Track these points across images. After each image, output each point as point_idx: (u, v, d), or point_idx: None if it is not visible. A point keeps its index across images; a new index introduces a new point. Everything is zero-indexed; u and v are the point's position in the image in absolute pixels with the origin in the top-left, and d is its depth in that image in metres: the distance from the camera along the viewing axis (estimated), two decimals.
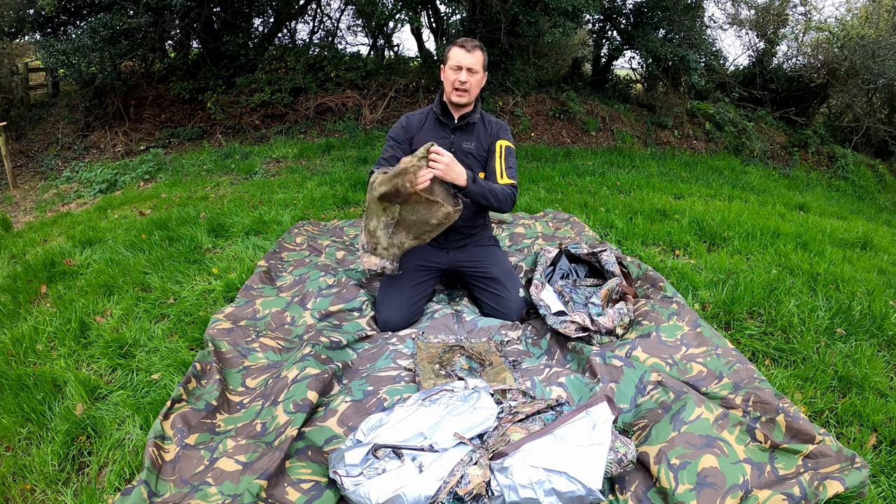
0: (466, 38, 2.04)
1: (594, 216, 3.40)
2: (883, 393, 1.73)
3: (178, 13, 6.34)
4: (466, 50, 2.01)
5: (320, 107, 6.99)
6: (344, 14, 9.59)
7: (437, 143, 2.09)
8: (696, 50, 7.33)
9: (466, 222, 2.16)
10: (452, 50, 2.03)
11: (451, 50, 2.03)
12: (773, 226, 3.32)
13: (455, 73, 2.02)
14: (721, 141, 7.75)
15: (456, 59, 2.01)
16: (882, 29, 8.16)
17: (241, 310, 2.10)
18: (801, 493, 1.22)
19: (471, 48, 2.01)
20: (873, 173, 8.35)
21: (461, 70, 2.02)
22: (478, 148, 2.15)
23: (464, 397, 1.42)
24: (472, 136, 2.14)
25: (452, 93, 2.05)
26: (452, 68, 2.02)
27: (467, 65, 2.01)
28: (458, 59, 2.01)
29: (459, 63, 2.01)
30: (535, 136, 6.86)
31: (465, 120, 2.12)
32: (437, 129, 2.15)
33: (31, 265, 2.69)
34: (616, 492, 1.31)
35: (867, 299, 2.29)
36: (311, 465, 1.37)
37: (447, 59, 2.05)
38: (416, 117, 2.19)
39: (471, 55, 2.01)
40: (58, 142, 7.27)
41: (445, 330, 2.05)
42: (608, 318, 1.92)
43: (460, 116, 2.12)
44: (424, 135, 2.14)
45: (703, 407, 1.43)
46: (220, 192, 4.25)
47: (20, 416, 1.62)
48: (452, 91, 2.05)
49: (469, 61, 2.01)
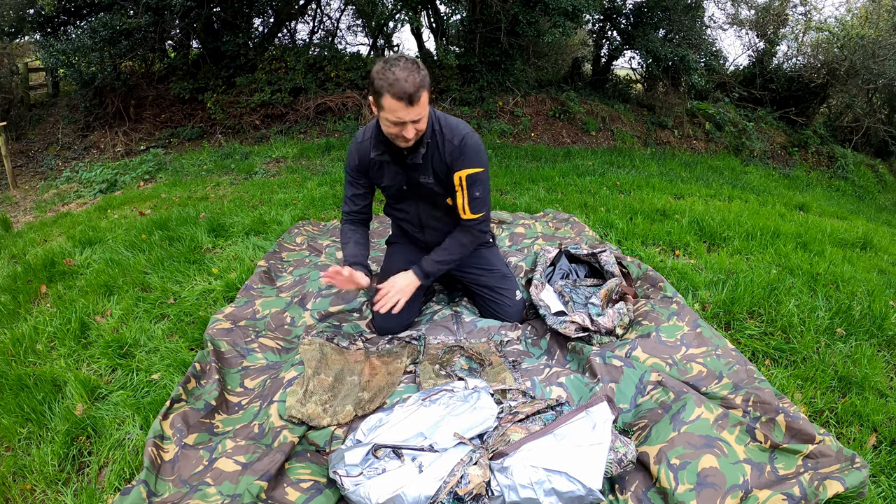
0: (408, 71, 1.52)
1: (594, 216, 3.40)
2: (883, 393, 1.73)
3: (178, 13, 6.34)
4: (407, 103, 1.53)
5: (320, 107, 6.99)
6: (344, 14, 9.60)
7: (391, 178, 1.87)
8: (696, 50, 7.34)
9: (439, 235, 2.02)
10: (388, 100, 1.54)
11: (386, 100, 1.54)
12: (773, 226, 3.32)
13: (397, 128, 1.61)
14: (721, 141, 7.76)
15: (395, 113, 1.56)
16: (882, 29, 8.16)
17: (240, 310, 2.10)
18: (801, 493, 1.22)
19: (415, 97, 1.52)
20: (873, 173, 8.35)
21: (405, 125, 1.60)
22: (437, 181, 1.84)
23: (464, 397, 1.42)
24: (427, 169, 1.82)
25: (396, 139, 1.69)
26: (393, 122, 1.59)
27: (412, 118, 1.58)
28: (399, 115, 1.57)
29: (400, 119, 1.58)
30: (535, 136, 6.86)
31: (412, 156, 1.78)
32: (390, 166, 1.86)
33: (31, 265, 2.69)
34: (616, 492, 1.31)
35: (867, 299, 2.29)
36: (311, 465, 1.37)
37: (381, 107, 1.58)
38: (363, 151, 1.86)
39: (415, 108, 1.55)
40: (58, 142, 7.27)
41: (445, 331, 2.05)
42: (608, 318, 1.92)
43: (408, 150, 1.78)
44: (376, 170, 1.88)
45: (703, 407, 1.43)
46: (220, 192, 4.25)
47: (20, 416, 1.62)
48: (394, 138, 1.69)
49: (414, 114, 1.57)
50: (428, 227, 2.03)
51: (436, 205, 1.95)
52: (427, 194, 1.90)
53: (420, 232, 2.06)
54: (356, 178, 1.93)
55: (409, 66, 1.53)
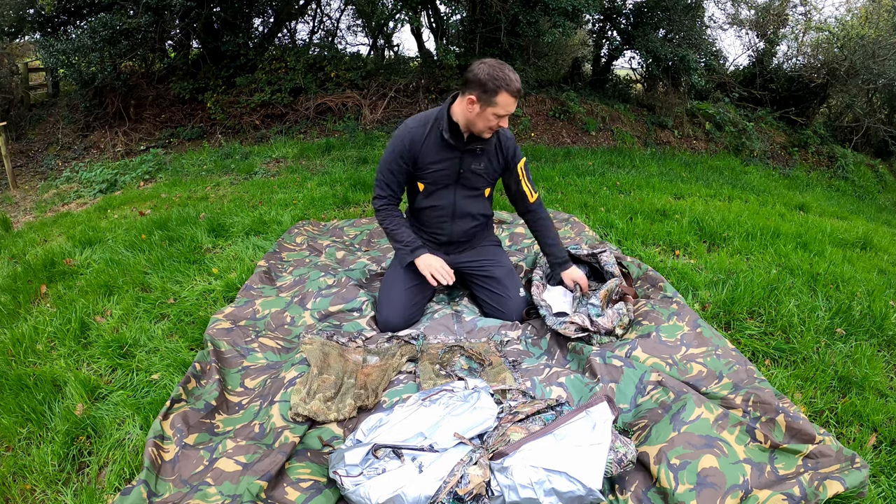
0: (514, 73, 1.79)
1: (594, 216, 3.40)
2: (883, 393, 1.73)
3: (178, 13, 6.34)
4: (517, 99, 1.82)
5: (320, 107, 6.99)
6: (344, 14, 9.59)
7: (443, 163, 2.01)
8: (696, 50, 7.33)
9: (467, 224, 2.16)
10: (504, 97, 1.78)
11: (503, 96, 1.77)
12: (773, 226, 3.32)
13: (498, 121, 1.85)
14: (721, 141, 7.75)
15: (507, 108, 1.81)
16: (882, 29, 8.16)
17: (240, 310, 2.10)
18: (801, 493, 1.22)
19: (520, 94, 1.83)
20: (873, 173, 8.35)
21: (505, 118, 1.86)
22: (487, 167, 2.05)
23: (464, 397, 1.42)
24: (482, 158, 2.03)
25: (486, 131, 1.90)
26: (498, 115, 1.83)
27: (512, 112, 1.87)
28: (510, 109, 1.82)
29: (509, 112, 1.83)
30: (535, 136, 6.85)
31: (478, 144, 1.99)
32: (442, 150, 1.98)
33: (31, 265, 2.69)
34: (616, 492, 1.31)
35: (867, 299, 2.29)
36: (311, 464, 1.37)
37: (494, 103, 1.79)
38: (416, 136, 1.97)
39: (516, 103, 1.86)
40: (58, 142, 7.27)
41: (445, 330, 2.05)
42: (607, 318, 1.92)
43: (470, 137, 1.97)
44: (428, 155, 1.99)
45: (703, 407, 1.43)
46: (220, 192, 4.26)
47: (20, 416, 1.62)
48: (486, 130, 1.89)
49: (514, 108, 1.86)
50: (459, 216, 2.13)
51: (474, 190, 2.11)
52: (469, 179, 2.04)
53: (450, 222, 2.14)
54: (400, 164, 2.01)
55: (513, 70, 1.82)
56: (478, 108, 1.83)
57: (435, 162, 2.00)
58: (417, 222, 2.21)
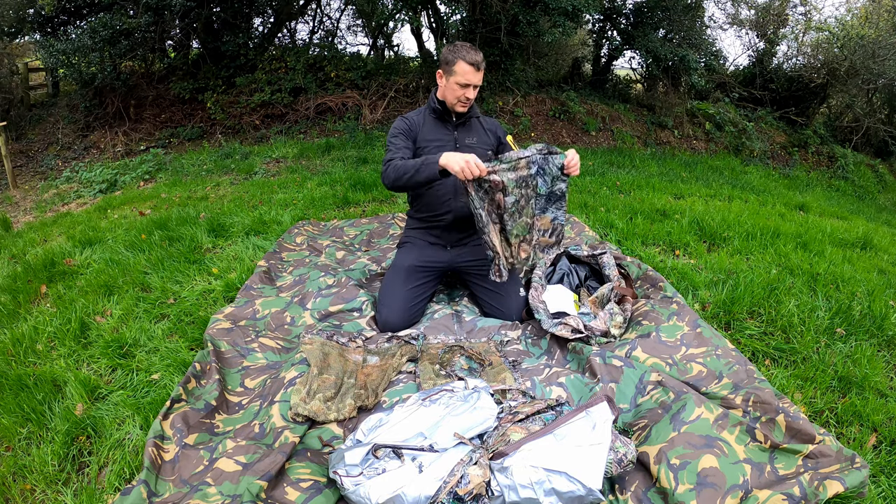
0: (474, 50, 2.01)
1: (594, 216, 3.40)
2: (883, 393, 1.73)
3: (178, 13, 6.34)
4: (477, 69, 2.00)
5: (320, 107, 6.99)
6: (344, 14, 9.60)
7: (441, 139, 2.16)
8: (696, 50, 7.33)
9: (467, 220, 2.17)
10: (461, 65, 1.99)
11: (460, 65, 1.99)
12: (773, 226, 3.32)
13: (463, 90, 2.04)
14: (721, 141, 7.75)
15: (465, 76, 2.00)
16: (882, 29, 8.16)
17: (240, 310, 2.10)
18: (801, 493, 1.22)
19: (480, 65, 2.01)
20: (873, 173, 8.35)
21: (469, 87, 2.04)
22: (479, 142, 2.21)
23: (464, 397, 1.42)
24: (472, 132, 2.21)
25: (457, 104, 2.09)
26: (460, 84, 2.02)
27: (475, 82, 2.03)
28: (468, 78, 2.01)
29: (469, 81, 2.02)
30: (535, 136, 6.85)
31: (464, 117, 2.18)
32: (437, 128, 2.18)
33: (31, 265, 2.69)
34: (616, 492, 1.31)
35: (867, 299, 2.29)
36: (311, 464, 1.37)
37: (453, 73, 2.02)
38: (414, 117, 2.20)
39: (479, 73, 2.02)
40: (58, 142, 7.27)
41: (445, 330, 2.05)
42: (600, 320, 1.92)
43: (458, 114, 2.17)
44: (426, 133, 2.16)
45: (703, 407, 1.43)
46: (220, 192, 4.26)
47: (20, 416, 1.62)
48: (457, 103, 2.08)
49: (477, 79, 2.03)
50: (461, 191, 2.16)
51: None
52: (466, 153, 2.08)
53: (453, 198, 2.17)
54: (405, 139, 2.14)
55: (475, 48, 2.03)
56: (444, 80, 2.08)
57: (432, 139, 2.16)
58: (422, 207, 2.24)
